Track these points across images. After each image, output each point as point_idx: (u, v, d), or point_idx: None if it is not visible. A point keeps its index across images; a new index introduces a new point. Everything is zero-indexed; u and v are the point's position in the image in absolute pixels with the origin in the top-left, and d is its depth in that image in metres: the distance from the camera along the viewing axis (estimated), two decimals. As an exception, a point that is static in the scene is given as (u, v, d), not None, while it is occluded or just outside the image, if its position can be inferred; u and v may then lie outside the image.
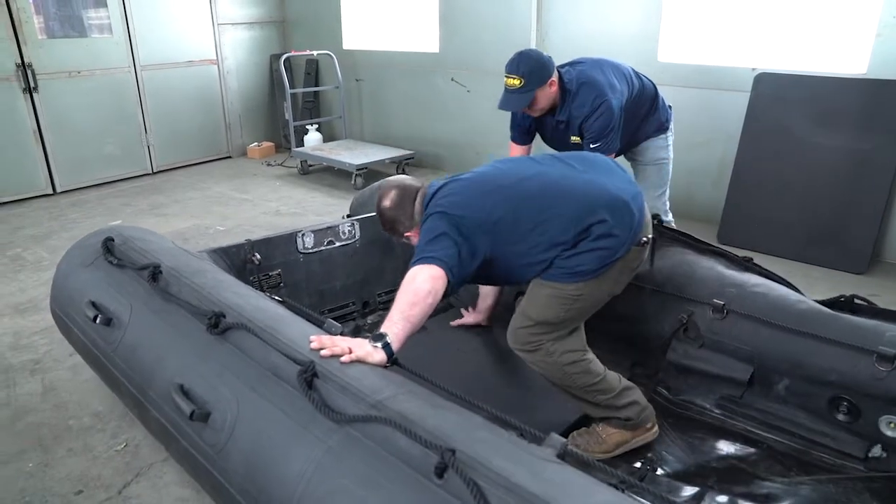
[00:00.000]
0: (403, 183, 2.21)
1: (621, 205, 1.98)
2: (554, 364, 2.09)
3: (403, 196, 2.15)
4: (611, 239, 1.95)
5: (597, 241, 1.95)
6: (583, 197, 1.99)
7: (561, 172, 2.07)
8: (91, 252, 2.36)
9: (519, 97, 2.74)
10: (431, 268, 1.81)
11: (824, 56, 4.19)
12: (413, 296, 1.76)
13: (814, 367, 2.17)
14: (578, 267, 1.97)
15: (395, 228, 2.21)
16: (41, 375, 2.92)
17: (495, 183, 2.06)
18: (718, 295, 2.39)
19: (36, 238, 4.76)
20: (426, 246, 1.88)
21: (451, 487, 1.17)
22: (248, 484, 1.48)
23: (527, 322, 2.09)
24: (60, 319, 2.40)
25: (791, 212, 4.15)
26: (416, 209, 2.12)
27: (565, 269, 1.98)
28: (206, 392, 1.66)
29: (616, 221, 1.95)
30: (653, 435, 2.24)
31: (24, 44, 5.51)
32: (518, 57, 2.74)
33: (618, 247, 1.96)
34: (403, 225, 2.17)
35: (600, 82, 2.79)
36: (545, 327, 2.07)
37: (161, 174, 6.62)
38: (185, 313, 1.90)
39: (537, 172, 2.08)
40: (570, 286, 2.00)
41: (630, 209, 1.99)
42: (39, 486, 2.25)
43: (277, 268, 2.89)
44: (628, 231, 1.97)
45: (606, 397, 2.12)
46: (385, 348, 1.65)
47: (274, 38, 7.52)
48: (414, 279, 1.79)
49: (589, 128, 2.80)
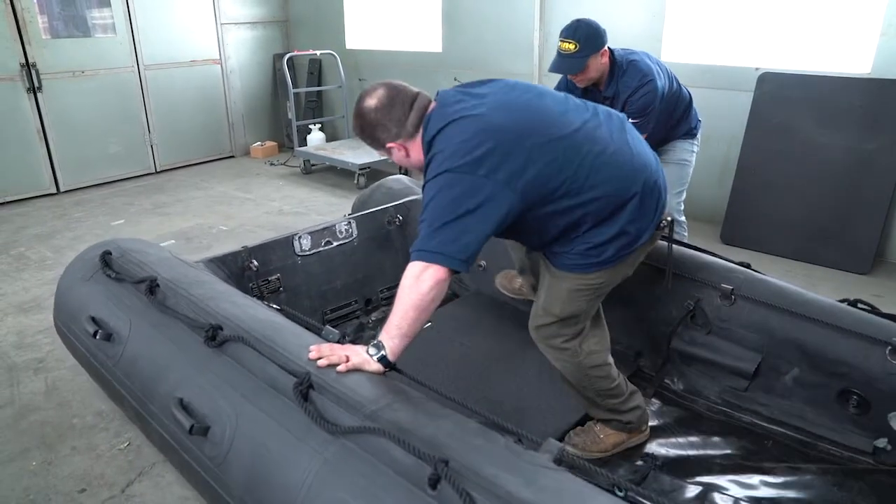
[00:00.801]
0: (396, 83, 1.81)
1: (654, 185, 1.86)
2: (578, 365, 2.02)
3: (395, 97, 1.76)
4: (638, 223, 1.82)
5: (626, 225, 1.80)
6: (630, 167, 1.79)
7: (610, 131, 1.81)
8: (90, 266, 2.37)
9: (573, 62, 2.78)
10: (439, 270, 1.59)
11: (828, 56, 4.17)
12: (414, 309, 1.61)
13: (824, 358, 2.16)
14: (602, 254, 1.83)
15: (375, 135, 1.81)
16: (45, 374, 2.93)
17: (534, 126, 1.71)
18: (726, 280, 2.37)
19: (40, 237, 4.78)
20: (436, 233, 1.60)
21: (445, 498, 1.18)
22: (247, 496, 1.49)
23: (550, 319, 1.98)
24: (63, 334, 2.40)
25: (794, 211, 4.15)
26: (412, 119, 1.76)
27: (588, 256, 1.84)
28: (205, 405, 1.67)
29: (646, 203, 1.82)
30: (645, 436, 2.25)
31: (28, 43, 5.52)
32: (576, 23, 2.79)
33: (642, 232, 1.85)
34: (388, 132, 1.78)
35: (649, 65, 2.87)
36: (570, 322, 1.98)
37: (164, 173, 6.63)
38: (183, 326, 1.91)
39: (584, 123, 1.78)
40: (591, 275, 1.88)
41: (660, 190, 1.88)
42: (43, 484, 2.26)
43: (276, 272, 2.88)
44: (652, 215, 1.86)
45: (616, 402, 2.11)
46: (381, 361, 1.64)
47: (277, 37, 7.53)
48: (418, 281, 1.60)
49: (632, 103, 2.84)
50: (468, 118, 1.70)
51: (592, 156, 1.74)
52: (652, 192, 1.84)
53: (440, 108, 1.76)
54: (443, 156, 1.67)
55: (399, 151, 1.82)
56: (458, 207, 1.60)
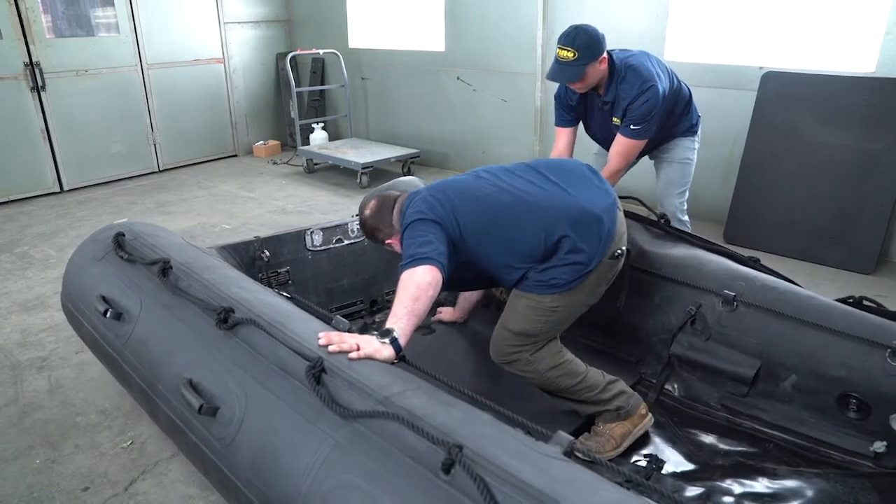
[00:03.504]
0: (383, 193, 2.30)
1: (590, 218, 2.03)
2: (535, 372, 2.16)
3: (382, 206, 2.23)
4: (580, 254, 2.01)
5: (567, 256, 2.01)
6: (550, 212, 2.03)
7: (532, 186, 2.10)
8: (102, 247, 2.38)
9: (571, 70, 2.76)
10: (425, 265, 1.84)
11: (833, 55, 4.17)
12: (415, 290, 1.78)
13: (823, 362, 2.16)
14: (552, 280, 2.04)
15: (376, 236, 2.28)
16: (48, 372, 2.93)
17: (471, 193, 2.10)
18: (728, 287, 2.37)
19: (43, 236, 4.79)
20: (415, 249, 1.91)
21: (458, 483, 1.17)
22: (255, 478, 1.49)
23: (505, 334, 2.16)
24: (71, 313, 2.41)
25: (798, 211, 4.14)
26: (395, 217, 2.17)
27: (540, 281, 2.05)
28: (215, 386, 1.67)
29: (581, 236, 2.00)
30: (650, 421, 2.27)
31: (32, 43, 5.53)
32: (574, 30, 2.75)
33: (588, 260, 2.02)
34: (383, 233, 2.24)
35: (648, 69, 2.82)
36: (523, 339, 2.13)
37: (167, 172, 6.64)
38: (194, 308, 1.91)
39: (510, 185, 2.11)
40: (546, 298, 2.07)
41: (600, 222, 2.04)
42: (47, 481, 2.26)
43: (286, 265, 2.90)
44: (597, 244, 2.03)
45: (593, 394, 2.18)
46: (393, 343, 1.66)
47: (280, 36, 7.53)
48: (412, 274, 1.83)
49: (633, 111, 2.82)
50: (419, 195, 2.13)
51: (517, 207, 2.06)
52: (589, 226, 2.02)
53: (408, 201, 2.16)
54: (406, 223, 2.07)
55: (396, 245, 2.19)
56: (421, 236, 1.96)
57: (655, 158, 3.25)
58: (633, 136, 2.85)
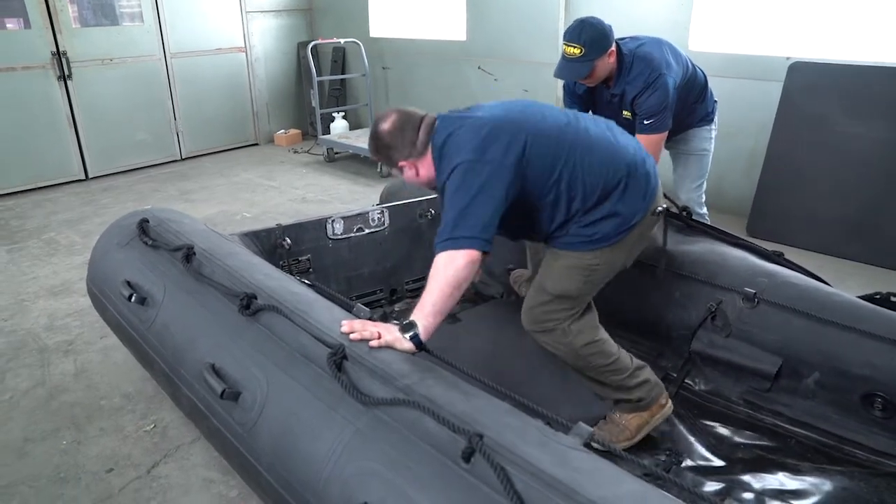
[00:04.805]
0: (406, 109, 2.03)
1: (640, 169, 1.99)
2: (569, 345, 2.07)
3: (406, 122, 1.96)
4: (626, 205, 1.95)
5: (616, 206, 1.94)
6: (609, 153, 1.96)
7: (591, 127, 2.01)
8: (127, 232, 2.41)
9: (578, 66, 2.67)
10: (468, 253, 1.72)
11: (862, 44, 4.07)
12: (448, 287, 1.70)
13: (847, 361, 2.12)
14: (595, 234, 1.96)
15: (389, 155, 2.00)
16: (74, 356, 2.99)
17: (528, 127, 1.90)
18: (750, 284, 2.34)
19: (69, 222, 4.86)
20: (459, 220, 1.75)
21: (478, 472, 1.17)
22: (276, 463, 1.50)
23: (544, 297, 2.06)
24: (96, 297, 2.45)
25: (824, 204, 4.06)
26: (420, 138, 1.94)
27: (582, 236, 1.97)
28: (237, 372, 1.69)
29: (634, 185, 1.95)
30: (669, 410, 2.21)
31: (59, 32, 5.60)
32: (579, 25, 2.65)
33: (633, 214, 1.97)
34: (400, 153, 1.97)
35: (657, 58, 2.72)
36: (563, 302, 2.04)
37: (189, 161, 6.71)
38: (217, 294, 1.93)
39: (570, 122, 1.99)
40: (587, 255, 1.99)
41: (648, 174, 2.00)
42: (73, 462, 2.31)
43: (307, 253, 2.92)
44: (642, 198, 1.98)
45: (620, 378, 2.11)
46: (413, 339, 1.65)
47: (301, 25, 7.55)
48: (452, 263, 1.71)
49: (643, 103, 2.73)
50: (470, 121, 1.93)
51: (579, 149, 1.92)
52: (638, 178, 1.97)
53: (443, 123, 1.97)
54: (451, 156, 1.87)
55: (410, 170, 2.01)
56: (469, 191, 1.78)
57: (672, 150, 3.18)
58: (650, 130, 2.74)
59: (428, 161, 1.97)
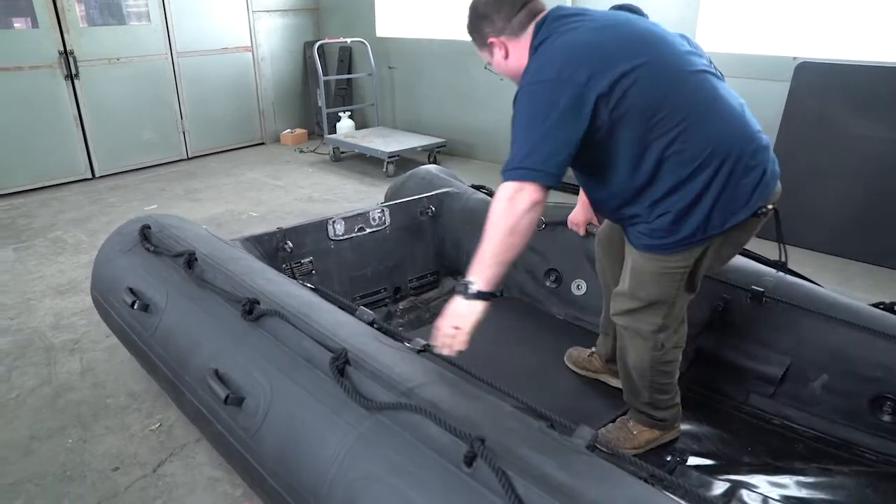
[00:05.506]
0: None
1: (762, 154, 1.67)
2: (653, 357, 1.94)
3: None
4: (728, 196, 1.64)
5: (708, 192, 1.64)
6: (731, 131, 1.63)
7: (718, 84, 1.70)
8: (129, 239, 2.42)
9: None
10: (533, 188, 1.52)
11: (869, 44, 4.05)
12: (510, 233, 1.53)
13: (857, 362, 2.10)
14: (680, 232, 1.68)
15: (480, 27, 1.78)
16: (80, 355, 3.00)
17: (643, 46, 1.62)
18: (757, 282, 2.32)
19: (76, 221, 4.88)
20: (524, 149, 1.55)
21: (480, 476, 1.17)
22: (280, 468, 1.51)
23: (637, 304, 1.87)
24: (100, 304, 2.46)
25: (830, 204, 4.04)
26: (519, 18, 1.71)
27: (659, 233, 1.71)
28: (241, 377, 1.69)
29: (738, 176, 1.63)
30: (677, 433, 2.20)
31: (67, 31, 5.62)
32: None
33: (737, 209, 1.66)
34: (493, 26, 1.75)
35: None
36: (658, 307, 1.86)
37: (196, 160, 6.72)
38: (219, 300, 1.93)
39: (704, 69, 1.67)
40: (673, 258, 1.75)
41: (761, 171, 1.67)
42: (79, 460, 2.32)
43: (309, 255, 2.92)
44: (752, 188, 1.66)
45: (662, 397, 2.04)
46: (478, 297, 1.59)
47: (308, 25, 7.55)
48: (513, 203, 1.52)
49: None
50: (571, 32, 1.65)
51: (704, 102, 1.63)
52: (747, 169, 1.65)
53: (550, 19, 1.71)
54: (535, 66, 1.65)
55: (500, 50, 1.77)
56: (544, 118, 1.55)
57: None
58: None
59: (523, 46, 1.73)
